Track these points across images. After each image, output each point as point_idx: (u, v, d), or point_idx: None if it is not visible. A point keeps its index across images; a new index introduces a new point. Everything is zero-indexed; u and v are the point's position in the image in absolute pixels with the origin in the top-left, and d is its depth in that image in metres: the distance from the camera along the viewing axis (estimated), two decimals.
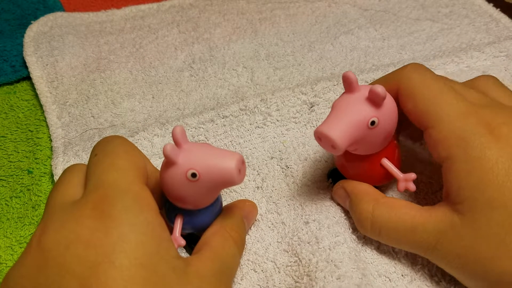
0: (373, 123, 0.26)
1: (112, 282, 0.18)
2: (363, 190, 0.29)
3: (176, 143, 0.24)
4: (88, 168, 0.24)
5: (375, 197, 0.28)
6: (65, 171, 0.25)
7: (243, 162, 0.25)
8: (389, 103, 0.27)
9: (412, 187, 0.28)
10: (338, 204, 0.32)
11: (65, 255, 0.19)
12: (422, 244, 0.26)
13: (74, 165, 0.25)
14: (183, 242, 0.26)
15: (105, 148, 0.24)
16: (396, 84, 0.28)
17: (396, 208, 0.27)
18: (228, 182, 0.24)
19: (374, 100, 0.26)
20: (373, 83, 0.30)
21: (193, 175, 0.24)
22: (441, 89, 0.26)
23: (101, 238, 0.19)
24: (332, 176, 0.33)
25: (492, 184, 0.23)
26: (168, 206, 0.27)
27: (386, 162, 0.29)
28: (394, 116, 0.27)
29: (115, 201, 0.21)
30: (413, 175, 0.28)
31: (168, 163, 0.24)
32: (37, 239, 0.20)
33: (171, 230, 0.26)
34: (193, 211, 0.26)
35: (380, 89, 0.25)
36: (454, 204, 0.25)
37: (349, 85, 0.27)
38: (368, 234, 0.29)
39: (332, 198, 0.32)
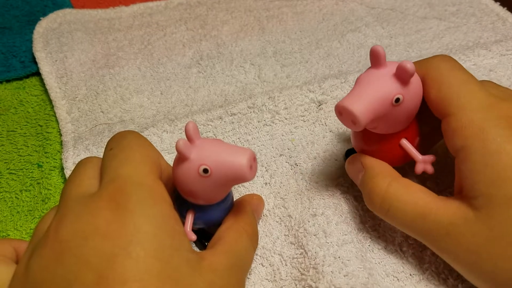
0: (397, 100, 0.25)
1: (128, 273, 0.19)
2: (380, 165, 0.28)
3: (189, 138, 0.25)
4: (103, 162, 0.24)
5: (392, 174, 0.28)
6: (80, 164, 0.25)
7: (254, 158, 0.25)
8: (416, 82, 0.26)
9: (430, 169, 0.27)
10: (346, 203, 0.32)
11: (83, 246, 0.20)
12: (430, 233, 0.25)
13: (88, 158, 0.26)
14: (194, 237, 0.26)
15: (120, 142, 0.24)
16: (423, 71, 0.27)
17: (411, 189, 0.27)
18: (240, 178, 0.24)
19: (401, 77, 0.25)
20: None
21: (205, 170, 0.24)
22: (467, 80, 0.26)
23: (118, 230, 0.20)
24: (348, 156, 0.32)
25: (511, 181, 0.22)
26: (180, 201, 0.27)
27: (405, 143, 0.28)
28: (419, 96, 0.27)
29: (130, 194, 0.21)
30: (432, 157, 0.27)
31: (181, 158, 0.24)
32: (54, 230, 0.21)
33: (182, 225, 0.27)
34: (204, 207, 0.27)
35: (409, 65, 0.24)
36: (468, 199, 0.24)
37: (376, 59, 0.26)
38: (375, 211, 0.28)
39: (340, 196, 0.33)
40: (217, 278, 0.22)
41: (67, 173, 0.35)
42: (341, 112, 0.26)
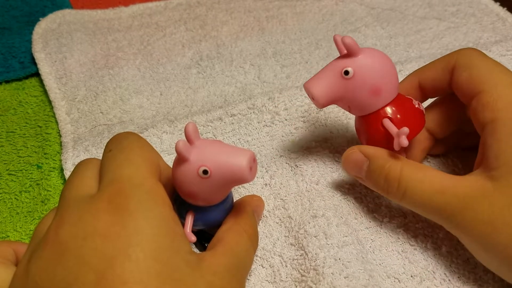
0: (346, 72, 0.27)
1: (128, 274, 0.19)
2: (385, 152, 0.29)
3: (188, 139, 0.25)
4: (102, 163, 0.24)
5: (401, 158, 0.28)
6: (79, 165, 0.25)
7: (254, 159, 0.25)
8: (371, 57, 0.28)
9: (405, 142, 0.27)
10: (347, 204, 0.32)
11: (83, 247, 0.20)
12: (447, 208, 0.26)
13: (87, 159, 0.26)
14: (194, 238, 0.26)
15: (119, 144, 0.24)
16: (453, 59, 0.29)
17: (425, 169, 0.27)
18: (240, 179, 0.24)
19: (348, 51, 0.27)
20: (426, 64, 0.31)
21: (205, 172, 0.24)
22: (496, 64, 0.27)
23: (118, 232, 0.20)
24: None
25: None
26: (179, 203, 0.27)
27: (386, 123, 0.29)
28: (378, 69, 0.28)
29: (130, 195, 0.21)
30: (405, 129, 0.27)
31: (180, 159, 0.24)
32: (53, 232, 0.21)
33: (182, 226, 0.27)
34: (204, 208, 0.27)
35: (349, 39, 0.27)
36: (489, 170, 0.25)
37: (337, 47, 0.28)
38: (391, 196, 0.28)
39: (341, 198, 0.32)
40: (217, 279, 0.22)
41: (67, 174, 0.35)
42: (307, 92, 0.29)
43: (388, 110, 0.29)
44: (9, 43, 0.47)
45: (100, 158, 0.25)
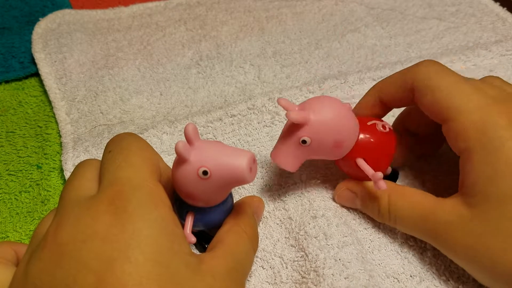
0: (304, 141, 0.28)
1: (127, 277, 0.19)
2: (371, 186, 0.30)
3: (188, 140, 0.25)
4: (102, 165, 0.24)
5: (386, 189, 0.28)
6: (79, 166, 0.25)
7: (254, 160, 0.25)
8: (321, 119, 0.27)
9: (383, 186, 0.27)
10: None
11: (82, 249, 0.19)
12: (432, 233, 0.27)
13: (87, 160, 0.26)
14: (193, 239, 0.26)
15: (119, 145, 0.24)
16: (411, 79, 0.28)
17: (408, 196, 0.28)
18: (239, 180, 0.24)
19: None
20: (384, 79, 0.31)
21: (204, 172, 0.24)
22: (458, 81, 0.26)
23: (117, 234, 0.20)
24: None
25: (507, 177, 0.23)
26: (179, 204, 0.27)
27: (360, 163, 0.29)
28: (333, 127, 0.27)
29: (130, 197, 0.21)
30: (379, 174, 0.28)
31: (180, 160, 0.24)
32: (52, 233, 0.21)
33: (182, 227, 0.26)
34: (204, 209, 0.27)
35: (293, 114, 0.26)
36: (467, 197, 0.25)
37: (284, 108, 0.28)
38: (386, 222, 0.30)
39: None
40: (216, 281, 0.22)
41: (67, 174, 0.35)
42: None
43: (357, 151, 0.29)
44: (9, 43, 0.47)
45: (100, 158, 0.25)
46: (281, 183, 0.34)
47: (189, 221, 0.27)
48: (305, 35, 0.48)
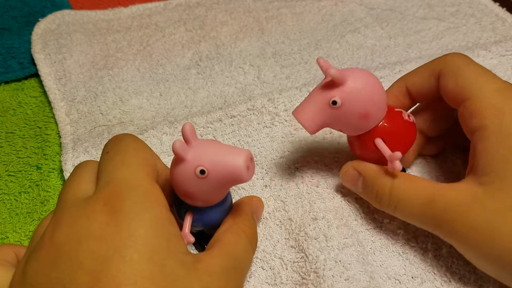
0: (334, 102, 0.27)
1: (122, 276, 0.19)
2: (377, 167, 0.30)
3: (186, 140, 0.25)
4: (99, 165, 0.24)
5: (391, 172, 0.29)
6: (77, 168, 0.25)
7: (251, 159, 0.25)
8: (357, 84, 0.27)
9: (398, 167, 0.27)
10: (347, 206, 0.32)
11: (77, 249, 0.20)
12: (440, 217, 0.26)
13: (85, 161, 0.26)
14: (192, 239, 0.26)
15: (116, 146, 0.24)
16: (439, 67, 0.29)
17: (415, 180, 0.28)
18: (237, 179, 0.24)
19: (334, 81, 0.27)
20: (411, 71, 0.31)
21: (202, 171, 0.24)
22: (482, 70, 0.28)
23: (112, 233, 0.20)
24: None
25: None
26: (178, 203, 0.27)
27: (378, 142, 0.29)
28: (365, 95, 0.27)
29: (125, 197, 0.21)
30: (398, 154, 0.27)
31: (177, 159, 0.24)
32: (49, 234, 0.21)
33: (181, 227, 0.26)
34: (202, 208, 0.27)
35: (333, 70, 0.26)
36: (480, 176, 0.25)
37: (322, 70, 0.27)
38: (384, 209, 0.29)
39: (341, 199, 0.32)
40: (213, 280, 0.22)
41: (66, 175, 0.35)
42: (296, 119, 0.28)
43: (379, 129, 0.29)
44: (8, 43, 0.47)
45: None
46: (281, 183, 0.34)
47: (188, 221, 0.27)
48: (305, 36, 0.48)
